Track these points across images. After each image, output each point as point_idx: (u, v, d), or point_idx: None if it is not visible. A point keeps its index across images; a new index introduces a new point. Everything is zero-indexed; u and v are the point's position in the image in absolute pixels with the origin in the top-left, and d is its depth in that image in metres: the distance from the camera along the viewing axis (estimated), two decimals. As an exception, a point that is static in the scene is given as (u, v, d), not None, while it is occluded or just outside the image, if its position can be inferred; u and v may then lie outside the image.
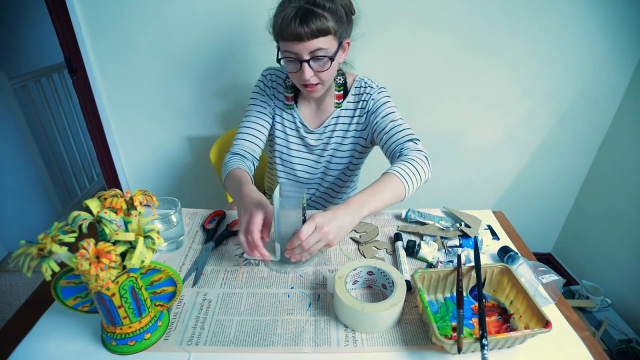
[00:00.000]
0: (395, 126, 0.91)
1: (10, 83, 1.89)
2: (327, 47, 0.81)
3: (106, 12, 1.31)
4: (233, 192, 0.86)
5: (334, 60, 0.84)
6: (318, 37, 0.78)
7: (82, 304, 0.59)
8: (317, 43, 0.79)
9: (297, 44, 0.79)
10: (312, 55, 0.81)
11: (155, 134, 1.55)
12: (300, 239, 0.66)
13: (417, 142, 0.89)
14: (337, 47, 0.84)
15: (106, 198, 0.54)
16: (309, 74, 0.83)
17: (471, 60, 1.40)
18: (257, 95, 1.02)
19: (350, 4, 0.86)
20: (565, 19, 1.32)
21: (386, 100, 0.96)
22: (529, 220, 1.76)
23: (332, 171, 1.07)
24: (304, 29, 0.77)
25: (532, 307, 0.61)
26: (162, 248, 0.81)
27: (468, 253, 0.78)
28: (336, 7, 0.80)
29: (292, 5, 0.78)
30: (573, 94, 1.47)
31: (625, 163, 1.48)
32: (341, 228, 0.69)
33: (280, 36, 0.81)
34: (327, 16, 0.78)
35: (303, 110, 1.02)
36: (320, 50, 0.80)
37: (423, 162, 0.84)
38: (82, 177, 2.52)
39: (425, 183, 0.85)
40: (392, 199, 0.79)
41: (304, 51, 0.80)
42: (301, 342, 0.61)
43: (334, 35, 0.81)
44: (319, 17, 0.77)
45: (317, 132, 1.01)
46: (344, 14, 0.83)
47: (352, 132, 1.00)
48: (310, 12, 0.77)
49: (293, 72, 0.86)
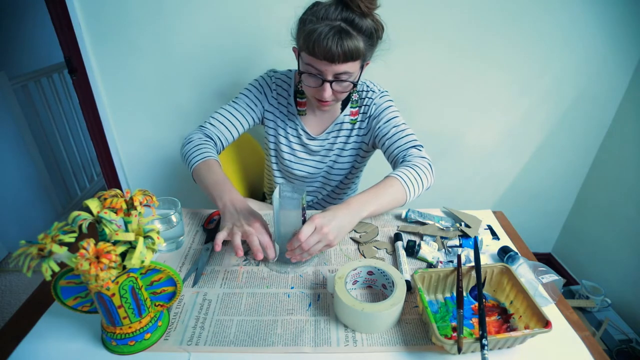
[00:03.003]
0: (398, 132, 0.90)
1: (10, 83, 1.89)
2: (353, 72, 0.79)
3: (106, 12, 1.31)
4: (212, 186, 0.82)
5: (355, 85, 0.82)
6: (348, 62, 0.76)
7: (82, 304, 0.59)
8: (345, 67, 0.77)
9: (326, 64, 0.76)
10: (336, 78, 0.79)
11: (156, 134, 1.55)
12: (300, 240, 0.66)
13: (420, 148, 0.88)
14: (360, 70, 0.82)
15: (106, 198, 0.54)
16: (328, 93, 0.81)
17: (471, 59, 1.40)
18: (253, 89, 0.98)
19: (383, 29, 0.82)
20: (565, 19, 1.32)
21: (389, 105, 0.94)
22: (529, 220, 1.76)
23: (334, 176, 1.06)
24: (338, 51, 0.73)
25: (532, 307, 0.61)
26: (162, 248, 0.80)
27: (468, 253, 0.78)
28: (370, 30, 0.77)
29: (328, 22, 0.74)
30: (573, 93, 1.47)
31: (625, 163, 1.48)
32: (341, 228, 0.69)
33: (311, 51, 0.76)
34: (361, 39, 0.75)
35: (305, 117, 1.00)
36: (345, 74, 0.79)
37: (426, 168, 0.84)
38: (82, 177, 2.52)
39: (427, 190, 0.85)
40: (393, 202, 0.79)
41: (330, 72, 0.78)
42: (301, 342, 0.61)
43: (361, 59, 0.79)
44: (354, 40, 0.74)
45: (319, 138, 1.00)
46: (376, 37, 0.80)
47: (354, 137, 0.99)
48: (347, 33, 0.73)
49: (312, 87, 0.83)
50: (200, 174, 0.85)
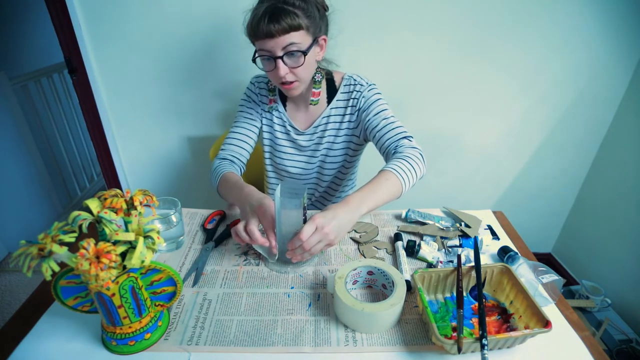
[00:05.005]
0: (389, 124, 0.91)
1: (10, 83, 1.89)
2: (300, 42, 0.82)
3: (106, 12, 1.31)
4: (231, 194, 0.86)
5: (307, 55, 0.84)
6: (289, 32, 0.80)
7: (82, 304, 0.59)
8: (288, 38, 0.80)
9: (269, 40, 0.80)
10: (285, 51, 0.82)
11: (155, 134, 1.55)
12: (301, 240, 0.66)
13: (410, 139, 0.90)
14: (310, 42, 0.84)
15: (106, 198, 0.54)
16: (283, 70, 0.83)
17: (471, 59, 1.40)
18: (244, 102, 1.04)
19: (322, 1, 0.87)
20: (565, 19, 1.32)
21: (377, 98, 0.96)
22: (529, 220, 1.76)
23: (327, 170, 1.07)
24: (274, 25, 0.78)
25: (532, 307, 0.61)
26: (162, 248, 0.81)
27: (468, 253, 0.78)
28: (307, 4, 0.81)
29: (264, 5, 0.80)
30: (573, 93, 1.47)
31: (625, 163, 1.48)
32: (341, 227, 0.70)
33: (253, 34, 0.82)
34: (298, 13, 0.80)
35: (292, 113, 1.02)
36: (292, 45, 0.81)
37: (418, 159, 0.85)
38: (82, 177, 2.52)
39: (420, 179, 0.86)
40: (390, 195, 0.80)
41: (277, 47, 0.81)
42: (301, 342, 0.61)
43: (307, 30, 0.82)
44: (289, 14, 0.78)
45: (307, 133, 1.01)
46: (316, 10, 0.84)
47: (345, 130, 1.00)
48: (280, 9, 0.78)
49: (269, 71, 0.86)
50: (221, 191, 0.93)
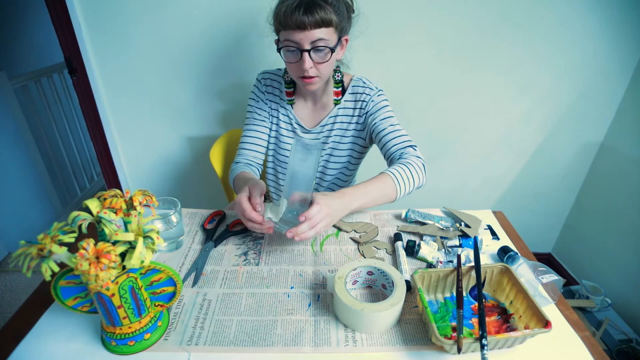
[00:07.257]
0: (395, 130, 0.93)
1: (10, 83, 1.89)
2: (328, 39, 0.82)
3: (106, 12, 1.31)
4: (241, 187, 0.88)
5: (334, 52, 0.85)
6: (321, 27, 0.80)
7: (82, 304, 0.59)
8: (319, 33, 0.80)
9: (299, 32, 0.80)
10: (313, 46, 0.82)
11: (155, 134, 1.55)
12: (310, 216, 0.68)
13: (415, 148, 0.91)
14: (337, 40, 0.85)
15: (106, 198, 0.54)
16: (309, 63, 0.84)
17: (471, 59, 1.40)
18: (253, 102, 1.04)
19: (351, 2, 0.89)
20: (565, 19, 1.32)
21: (385, 104, 0.97)
22: (529, 220, 1.76)
23: (330, 170, 1.07)
24: (308, 17, 0.78)
25: (532, 307, 0.61)
26: (162, 248, 0.80)
27: (468, 253, 0.78)
28: (338, 2, 0.83)
29: None
30: (573, 93, 1.47)
31: (625, 163, 1.48)
32: (336, 213, 0.73)
33: (283, 24, 0.81)
34: (330, 9, 0.80)
35: (299, 110, 1.02)
36: (321, 41, 0.82)
37: (420, 168, 0.87)
38: (82, 177, 2.52)
39: (418, 189, 0.88)
40: (382, 198, 0.82)
41: (306, 40, 0.81)
42: (301, 342, 0.61)
43: (335, 28, 0.83)
44: (323, 8, 0.79)
45: (314, 131, 1.02)
46: (345, 10, 0.85)
47: (352, 131, 1.01)
48: (315, 2, 0.79)
49: (292, 63, 0.86)
50: (235, 187, 0.97)
